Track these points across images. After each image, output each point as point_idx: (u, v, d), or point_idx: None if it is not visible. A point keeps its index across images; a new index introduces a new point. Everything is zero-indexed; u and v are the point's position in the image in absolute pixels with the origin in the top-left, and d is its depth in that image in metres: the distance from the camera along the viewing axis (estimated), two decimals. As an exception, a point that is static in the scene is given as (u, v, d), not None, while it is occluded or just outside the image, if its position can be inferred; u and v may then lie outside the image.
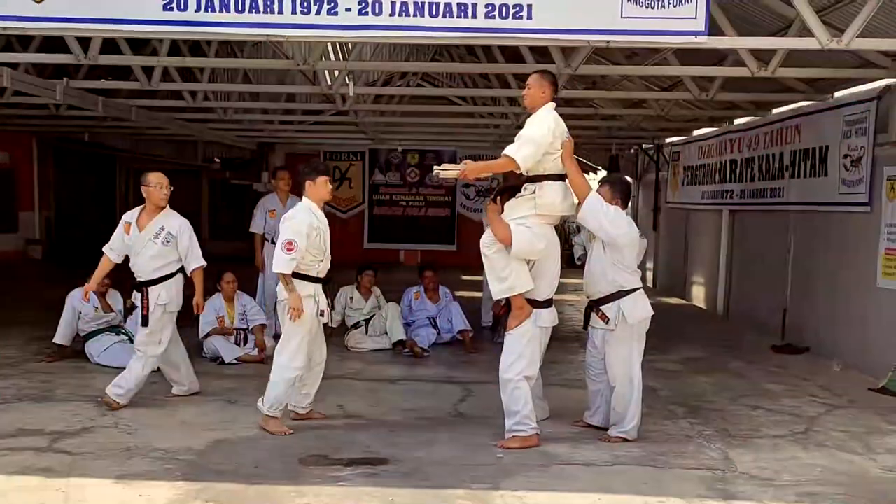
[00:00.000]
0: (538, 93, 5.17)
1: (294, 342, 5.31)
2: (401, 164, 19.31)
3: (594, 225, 5.24)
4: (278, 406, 5.35)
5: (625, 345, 5.28)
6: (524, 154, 4.97)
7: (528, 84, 5.24)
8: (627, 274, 5.30)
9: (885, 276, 7.55)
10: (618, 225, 5.21)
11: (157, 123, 12.22)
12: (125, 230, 5.97)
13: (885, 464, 4.99)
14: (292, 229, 5.29)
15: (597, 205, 5.21)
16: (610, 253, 5.27)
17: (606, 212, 5.21)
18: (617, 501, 4.22)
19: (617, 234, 5.20)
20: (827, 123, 8.61)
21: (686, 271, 14.02)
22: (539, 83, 5.18)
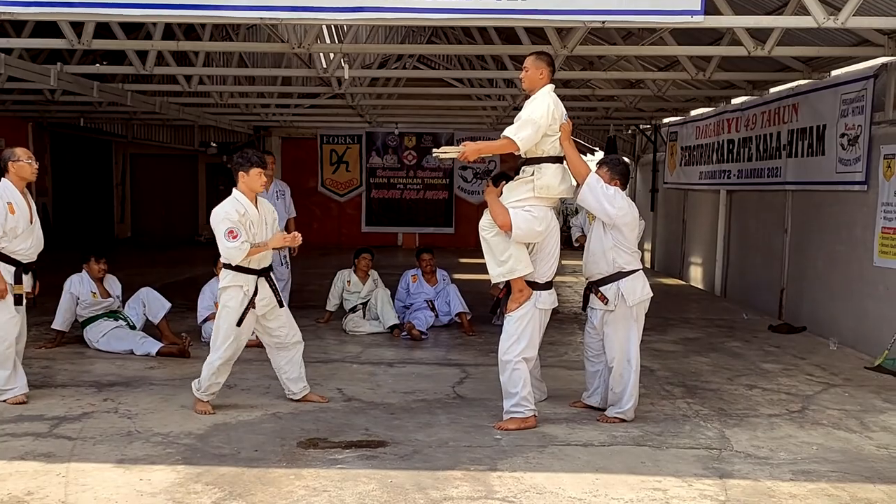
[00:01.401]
0: (536, 74, 5.15)
1: (220, 328, 5.37)
2: (398, 147, 19.27)
3: (594, 205, 5.24)
4: (203, 390, 5.41)
5: (623, 326, 5.30)
6: (523, 135, 4.96)
7: (525, 66, 5.21)
8: (627, 255, 5.30)
9: (881, 254, 7.57)
10: (618, 205, 5.21)
11: (152, 108, 12.18)
12: (9, 211, 5.40)
13: (880, 441, 5.02)
14: (221, 219, 5.25)
15: (596, 185, 5.21)
16: (610, 234, 5.27)
17: (606, 192, 5.20)
18: (614, 481, 4.24)
19: (616, 213, 5.20)
20: (824, 102, 8.60)
21: (684, 252, 14.04)
22: (536, 65, 5.16)
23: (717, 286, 12.07)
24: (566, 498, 4.01)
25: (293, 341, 5.65)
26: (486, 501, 3.95)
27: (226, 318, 5.35)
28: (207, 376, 5.38)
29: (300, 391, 5.68)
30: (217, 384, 5.45)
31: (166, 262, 15.03)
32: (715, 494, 4.10)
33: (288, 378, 5.67)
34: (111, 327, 7.28)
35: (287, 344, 5.62)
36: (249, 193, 5.39)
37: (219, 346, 5.36)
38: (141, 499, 3.93)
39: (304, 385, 5.70)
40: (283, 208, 8.91)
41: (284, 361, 5.65)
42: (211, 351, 5.41)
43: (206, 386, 5.41)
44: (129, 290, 7.74)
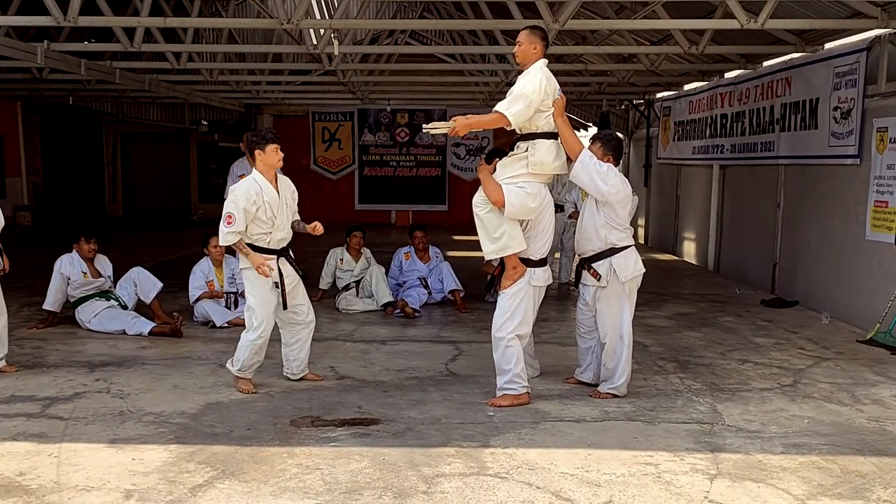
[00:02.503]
0: (529, 49, 5.09)
1: (255, 310, 5.34)
2: (390, 124, 19.17)
3: (586, 181, 5.21)
4: (245, 369, 5.40)
5: (616, 301, 5.30)
6: (515, 110, 4.91)
7: (518, 41, 5.15)
8: (620, 231, 5.28)
9: (873, 228, 7.57)
10: (610, 182, 5.17)
11: (141, 86, 12.06)
12: None
13: (871, 414, 5.05)
14: (229, 203, 5.28)
15: (589, 162, 5.17)
16: (602, 211, 5.25)
17: (599, 168, 5.17)
18: (606, 456, 4.26)
19: (609, 191, 5.17)
20: (817, 76, 8.56)
21: (677, 227, 14.04)
22: (530, 39, 5.10)
23: (710, 261, 12.08)
24: (558, 473, 4.02)
25: (308, 320, 5.64)
26: (479, 478, 3.96)
27: (258, 298, 5.32)
28: (249, 356, 5.36)
29: (299, 373, 5.67)
30: (258, 361, 5.46)
31: (158, 242, 14.98)
32: (706, 468, 4.12)
33: (293, 357, 5.65)
34: (103, 307, 7.25)
35: (302, 322, 5.60)
36: (268, 172, 5.37)
37: (256, 326, 5.33)
38: (133, 478, 3.93)
39: (302, 368, 5.68)
40: None
41: (293, 339, 5.62)
42: (248, 330, 5.37)
43: (249, 364, 5.40)
44: (121, 270, 7.71)
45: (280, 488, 3.82)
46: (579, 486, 3.87)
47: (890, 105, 7.40)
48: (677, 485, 3.91)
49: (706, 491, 3.84)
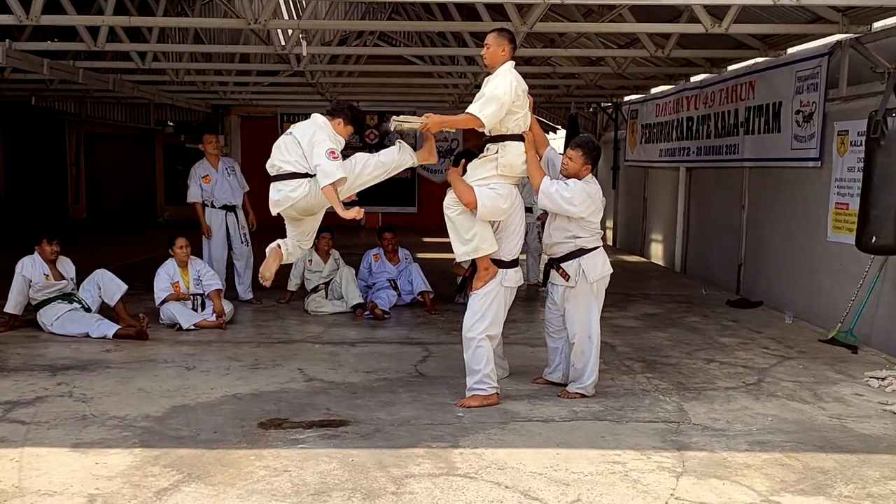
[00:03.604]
0: (498, 51, 5.11)
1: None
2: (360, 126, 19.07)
3: (554, 209, 5.23)
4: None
5: (584, 302, 5.33)
6: (488, 112, 4.93)
7: (486, 43, 5.17)
8: (588, 235, 5.31)
9: (835, 230, 7.71)
10: (577, 202, 5.15)
11: (105, 86, 11.87)
12: None
13: (833, 412, 5.14)
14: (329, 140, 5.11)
15: (551, 190, 5.15)
16: (574, 222, 5.26)
17: (563, 194, 5.14)
18: (575, 455, 4.28)
19: (577, 210, 5.17)
20: (780, 79, 8.70)
21: (645, 229, 14.18)
22: (498, 41, 5.12)
23: (676, 262, 12.22)
24: (527, 473, 4.03)
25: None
26: (448, 478, 3.96)
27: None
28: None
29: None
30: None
31: (123, 244, 14.78)
32: (672, 466, 4.16)
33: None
34: (65, 310, 7.13)
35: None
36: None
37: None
38: (97, 482, 3.86)
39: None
40: (236, 184, 8.85)
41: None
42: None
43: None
44: (84, 273, 7.59)
45: (247, 491, 3.79)
46: (548, 486, 3.89)
47: (850, 108, 7.54)
48: (644, 483, 3.95)
49: (672, 488, 3.88)
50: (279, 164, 5.22)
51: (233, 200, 8.78)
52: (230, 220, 8.77)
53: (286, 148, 5.23)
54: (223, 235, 8.75)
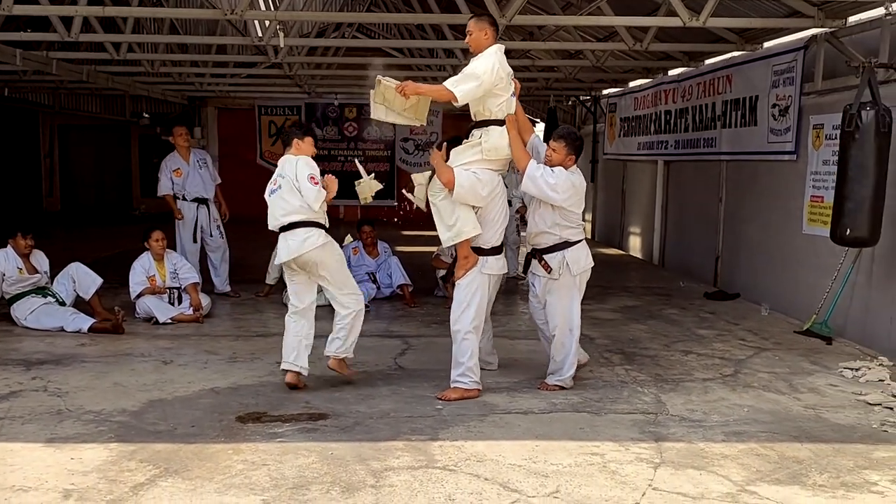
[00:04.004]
0: (480, 36, 5.12)
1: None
2: (338, 119, 19.00)
3: (537, 194, 5.23)
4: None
5: (567, 294, 5.33)
6: (464, 88, 4.92)
7: (468, 30, 5.19)
8: (573, 228, 5.32)
9: (810, 222, 7.79)
10: (561, 190, 5.16)
11: (79, 77, 11.72)
12: None
13: (807, 402, 5.20)
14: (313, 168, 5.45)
15: (536, 174, 5.16)
16: (557, 212, 5.27)
17: (548, 180, 5.15)
18: (553, 447, 4.30)
19: (560, 199, 5.17)
20: (756, 73, 8.76)
21: (623, 222, 14.25)
22: (479, 26, 5.14)
23: (655, 255, 12.29)
24: (506, 465, 4.04)
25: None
26: (428, 471, 3.96)
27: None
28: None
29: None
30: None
31: (99, 237, 14.61)
32: (650, 457, 4.19)
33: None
34: (39, 304, 7.04)
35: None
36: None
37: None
38: (72, 477, 3.82)
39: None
40: (207, 177, 8.80)
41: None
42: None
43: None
44: (58, 266, 7.50)
45: (225, 485, 3.76)
46: (527, 477, 3.90)
47: (825, 102, 7.62)
48: (622, 474, 3.97)
49: (650, 479, 3.91)
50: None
51: (204, 193, 8.74)
52: (202, 213, 8.73)
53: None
54: (194, 229, 8.71)
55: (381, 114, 5.25)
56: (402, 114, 5.24)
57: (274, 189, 5.44)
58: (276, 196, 5.41)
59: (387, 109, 5.21)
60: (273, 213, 5.41)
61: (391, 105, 5.16)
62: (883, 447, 4.38)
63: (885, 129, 6.27)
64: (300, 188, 5.32)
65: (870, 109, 6.28)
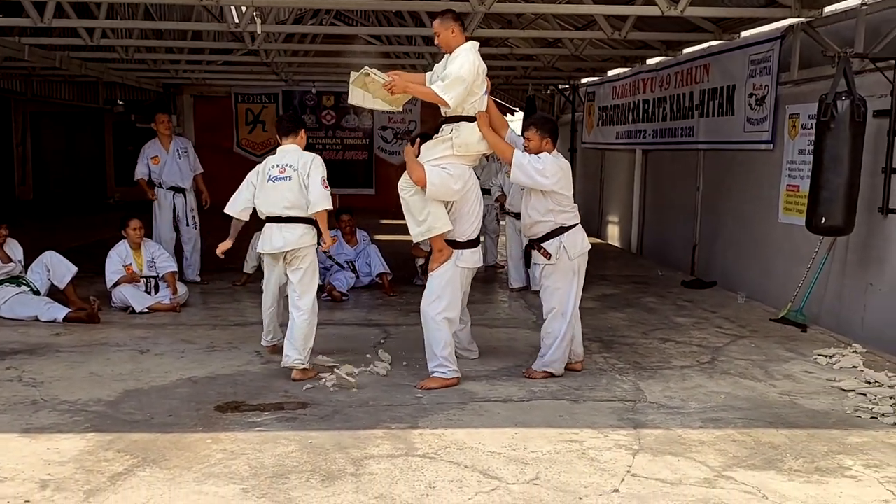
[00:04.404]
0: (448, 34, 5.12)
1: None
2: (316, 107, 18.88)
3: (527, 182, 5.23)
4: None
5: (564, 278, 5.31)
6: (454, 94, 4.93)
7: (435, 32, 5.19)
8: (568, 212, 5.32)
9: (785, 211, 7.87)
10: (549, 174, 5.16)
11: (52, 63, 11.52)
12: None
13: (783, 389, 5.26)
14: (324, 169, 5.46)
15: (524, 161, 5.16)
16: (549, 198, 5.26)
17: (535, 165, 5.15)
18: (533, 434, 4.32)
19: (551, 183, 5.17)
20: (734, 63, 8.81)
21: (602, 211, 14.31)
22: (444, 25, 5.13)
23: (633, 244, 12.36)
24: (486, 453, 4.05)
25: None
26: (408, 459, 3.96)
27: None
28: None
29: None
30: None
31: (73, 226, 14.43)
32: (629, 444, 4.22)
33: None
34: (13, 293, 6.95)
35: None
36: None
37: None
38: (48, 468, 3.78)
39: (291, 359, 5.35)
40: (186, 166, 8.73)
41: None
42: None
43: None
44: (32, 255, 7.39)
45: (204, 474, 3.74)
46: (507, 465, 3.91)
47: (801, 92, 7.68)
48: (601, 460, 3.99)
49: (629, 466, 3.94)
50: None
51: (181, 183, 8.69)
52: (178, 202, 8.69)
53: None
54: (171, 218, 8.68)
55: (359, 99, 5.22)
56: (381, 100, 5.21)
57: (280, 177, 5.40)
58: (281, 185, 5.39)
59: (364, 94, 5.18)
60: (273, 201, 5.39)
61: (373, 93, 5.13)
62: (856, 432, 4.45)
63: (859, 118, 6.34)
64: (308, 186, 5.35)
65: (845, 99, 6.34)
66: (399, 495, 3.55)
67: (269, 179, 5.43)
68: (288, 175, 5.39)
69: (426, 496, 3.55)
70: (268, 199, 5.42)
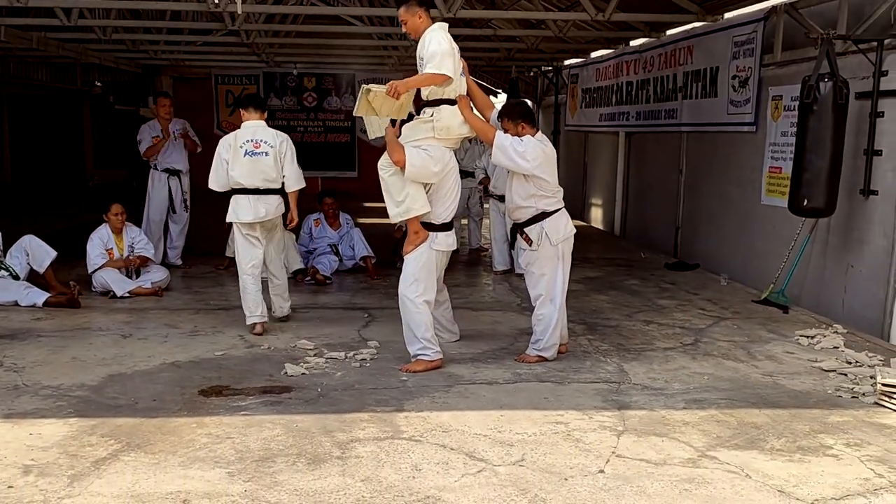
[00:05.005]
0: (415, 21, 5.12)
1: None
2: (297, 88, 18.72)
3: (508, 164, 5.20)
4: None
5: (549, 265, 5.30)
6: (447, 66, 4.92)
7: (401, 20, 5.18)
8: (549, 197, 5.28)
9: (768, 193, 7.91)
10: (530, 157, 5.13)
11: (29, 44, 11.33)
12: None
13: (765, 369, 5.31)
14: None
15: (505, 143, 5.13)
16: (531, 182, 5.24)
17: (517, 148, 5.12)
18: (518, 416, 4.33)
19: (531, 166, 5.14)
20: (717, 44, 8.81)
21: (585, 193, 14.32)
22: (410, 12, 5.12)
23: (616, 226, 12.40)
24: (472, 435, 4.06)
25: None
26: (393, 441, 3.97)
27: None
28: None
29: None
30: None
31: (52, 209, 14.26)
32: (613, 425, 4.25)
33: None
34: None
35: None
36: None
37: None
38: (31, 453, 3.75)
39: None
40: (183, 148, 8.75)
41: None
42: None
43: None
44: (11, 239, 7.29)
45: (189, 458, 3.72)
46: (492, 446, 3.92)
47: (784, 74, 7.70)
48: (586, 441, 4.02)
49: (613, 447, 3.96)
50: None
51: (177, 165, 8.69)
52: (173, 184, 8.68)
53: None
54: (164, 198, 8.66)
55: (376, 127, 5.25)
56: (390, 113, 5.12)
57: (257, 152, 5.90)
58: (260, 160, 5.91)
59: (378, 120, 5.13)
60: (251, 175, 5.89)
61: (381, 112, 5.04)
62: (837, 412, 4.50)
63: (842, 100, 6.37)
64: (284, 165, 5.96)
65: (828, 81, 6.36)
66: (385, 478, 3.55)
67: (246, 154, 5.87)
68: (264, 151, 5.92)
69: (412, 478, 3.55)
70: (246, 172, 5.87)
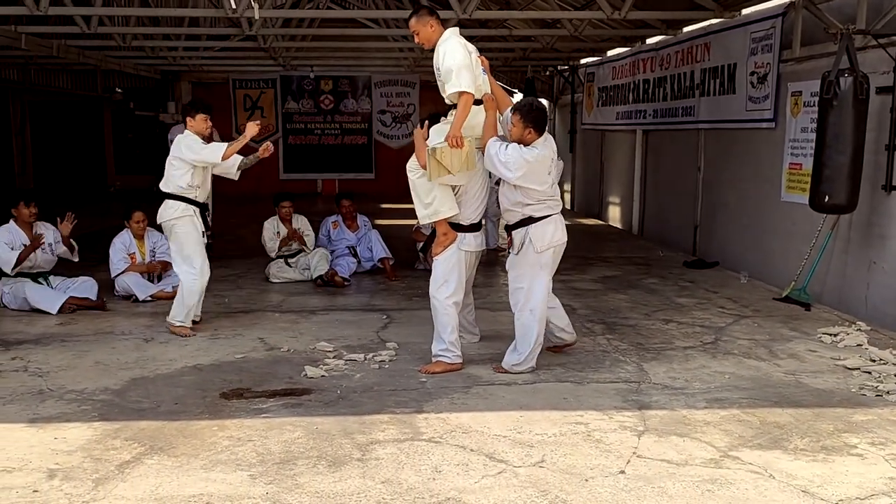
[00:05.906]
0: (427, 31, 5.11)
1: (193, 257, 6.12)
2: (314, 91, 18.82)
3: (492, 170, 5.14)
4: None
5: (529, 272, 5.12)
6: (463, 81, 4.91)
7: (413, 31, 5.16)
8: (537, 204, 5.12)
9: (788, 189, 7.85)
10: (513, 168, 4.96)
11: (49, 52, 11.48)
12: None
13: (787, 368, 5.27)
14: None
15: (491, 150, 5.02)
16: (518, 189, 5.16)
17: (501, 158, 4.98)
18: (537, 417, 4.33)
19: (514, 177, 4.99)
20: (734, 41, 8.76)
21: (602, 192, 14.28)
22: (421, 22, 5.11)
23: (634, 225, 12.34)
24: (491, 436, 4.07)
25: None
26: (413, 443, 3.98)
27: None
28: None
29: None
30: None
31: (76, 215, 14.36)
32: (634, 425, 4.23)
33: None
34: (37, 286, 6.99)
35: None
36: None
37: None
38: (56, 457, 3.79)
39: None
40: None
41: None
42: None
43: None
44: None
45: (211, 461, 3.75)
46: (512, 448, 3.92)
47: (803, 70, 7.64)
48: (607, 442, 4.01)
49: (634, 447, 3.95)
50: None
51: None
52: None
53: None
54: None
55: (453, 180, 5.11)
56: (460, 162, 5.00)
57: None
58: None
59: (451, 177, 5.03)
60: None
61: (453, 168, 4.95)
62: (861, 411, 4.46)
63: (862, 95, 6.30)
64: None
65: (848, 76, 6.30)
66: (405, 479, 3.56)
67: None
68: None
69: (432, 480, 3.56)
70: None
